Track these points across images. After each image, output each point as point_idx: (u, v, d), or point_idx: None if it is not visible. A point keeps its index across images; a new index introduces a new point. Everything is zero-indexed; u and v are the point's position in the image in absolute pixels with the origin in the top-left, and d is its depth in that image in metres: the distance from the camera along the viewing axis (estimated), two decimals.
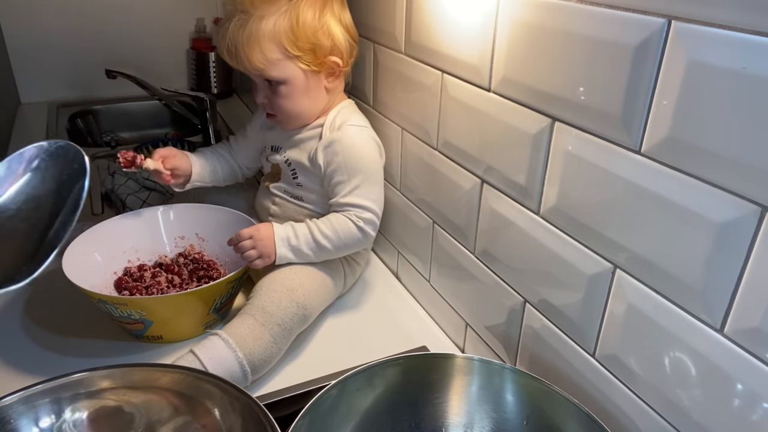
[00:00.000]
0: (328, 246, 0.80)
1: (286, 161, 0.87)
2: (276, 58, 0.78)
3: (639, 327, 0.52)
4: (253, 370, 0.71)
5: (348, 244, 0.81)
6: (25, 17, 1.56)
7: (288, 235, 0.80)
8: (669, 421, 0.51)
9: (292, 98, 0.82)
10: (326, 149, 0.82)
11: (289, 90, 0.81)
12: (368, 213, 0.81)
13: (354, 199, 0.81)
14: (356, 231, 0.80)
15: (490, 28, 0.62)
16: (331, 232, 0.79)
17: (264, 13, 0.76)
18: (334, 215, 0.81)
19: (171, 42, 1.75)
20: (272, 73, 0.79)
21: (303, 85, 0.81)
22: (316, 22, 0.78)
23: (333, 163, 0.81)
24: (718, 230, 0.43)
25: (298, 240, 0.79)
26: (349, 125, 0.83)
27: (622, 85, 0.48)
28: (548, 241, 0.61)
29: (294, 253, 0.80)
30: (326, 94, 0.84)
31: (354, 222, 0.80)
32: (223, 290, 0.78)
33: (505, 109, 0.63)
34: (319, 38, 0.78)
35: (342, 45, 0.81)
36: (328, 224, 0.80)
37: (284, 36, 0.77)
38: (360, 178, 0.81)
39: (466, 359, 0.62)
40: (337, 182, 0.81)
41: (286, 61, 0.78)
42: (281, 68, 0.79)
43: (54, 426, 0.57)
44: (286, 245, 0.79)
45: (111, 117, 1.68)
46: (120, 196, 1.13)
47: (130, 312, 0.74)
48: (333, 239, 0.79)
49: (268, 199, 0.92)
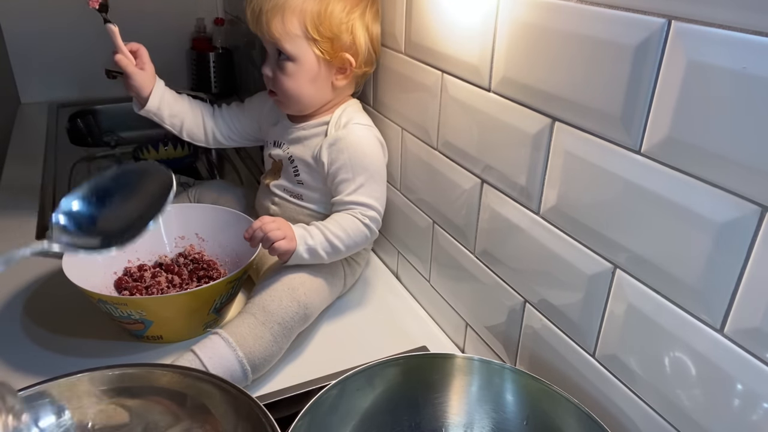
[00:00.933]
0: (341, 247, 0.79)
1: (289, 157, 0.87)
2: (294, 33, 0.78)
3: (639, 327, 0.52)
4: (254, 370, 0.71)
5: (357, 242, 0.80)
6: (25, 17, 1.56)
7: (304, 234, 0.78)
8: (669, 421, 0.51)
9: (296, 79, 0.81)
10: (331, 147, 0.82)
11: (297, 69, 0.81)
12: (372, 211, 0.81)
13: (358, 198, 0.80)
14: (363, 228, 0.80)
15: (490, 28, 0.63)
16: (342, 232, 0.79)
17: None
18: (340, 215, 0.81)
19: (171, 42, 1.75)
20: (286, 46, 0.79)
21: (311, 70, 0.81)
22: (344, 17, 0.79)
23: (338, 161, 0.81)
24: (718, 230, 0.43)
25: (314, 240, 0.78)
26: (354, 123, 0.83)
27: (622, 85, 0.48)
28: (548, 241, 0.61)
29: (309, 253, 0.78)
30: (332, 89, 0.84)
31: (360, 220, 0.80)
32: (223, 290, 0.78)
33: (505, 109, 0.63)
34: (341, 31, 0.79)
35: (361, 48, 0.82)
36: (336, 225, 0.79)
37: (309, 16, 0.78)
38: (365, 176, 0.81)
39: (466, 359, 0.62)
40: (342, 180, 0.81)
41: (303, 40, 0.79)
42: (296, 45, 0.79)
43: (54, 426, 0.57)
44: (303, 244, 0.77)
45: (111, 117, 1.68)
46: None
47: (130, 312, 0.74)
48: (344, 239, 0.79)
49: (268, 198, 0.92)
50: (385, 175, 0.85)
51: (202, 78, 1.75)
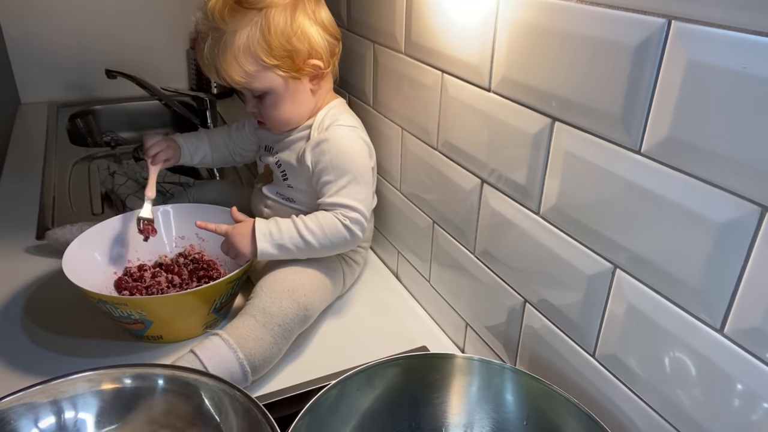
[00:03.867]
0: (313, 242, 0.78)
1: (277, 162, 0.87)
2: (254, 70, 0.77)
3: (639, 327, 0.52)
4: (254, 371, 0.71)
5: (334, 242, 0.79)
6: (25, 17, 1.56)
7: (270, 229, 0.79)
8: (669, 421, 0.51)
9: (278, 107, 0.82)
10: (314, 149, 0.81)
11: (274, 99, 0.81)
12: (355, 213, 0.80)
13: (341, 199, 0.80)
14: (343, 229, 0.79)
15: (490, 28, 0.63)
16: (316, 227, 0.78)
17: (236, 28, 0.76)
18: (321, 212, 0.80)
19: (171, 42, 1.75)
20: (254, 85, 0.79)
21: (286, 92, 0.81)
22: (289, 28, 0.77)
23: (320, 163, 0.81)
24: (718, 230, 0.43)
25: (281, 234, 0.78)
26: (337, 125, 0.82)
27: (622, 85, 0.48)
28: (548, 241, 0.61)
29: (277, 248, 0.78)
30: (312, 96, 0.84)
31: (340, 220, 0.79)
32: (223, 290, 0.78)
33: (505, 109, 0.63)
34: (294, 44, 0.78)
35: (320, 46, 0.80)
36: (314, 220, 0.79)
37: (258, 47, 0.76)
38: (347, 178, 0.80)
39: (466, 359, 0.62)
40: (325, 182, 0.81)
41: (265, 72, 0.78)
42: (261, 79, 0.78)
43: (54, 426, 0.57)
44: (268, 240, 0.78)
45: (111, 117, 1.68)
46: (120, 196, 1.13)
47: (130, 312, 0.74)
48: (318, 235, 0.78)
49: (261, 201, 0.92)
50: (370, 177, 0.83)
51: (202, 78, 1.75)
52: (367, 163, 0.83)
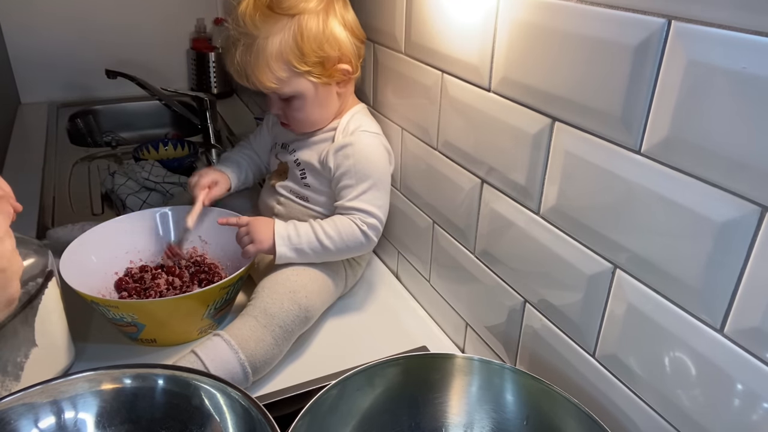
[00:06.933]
0: (331, 247, 0.79)
1: (296, 161, 0.87)
2: (286, 77, 0.78)
3: (639, 327, 0.52)
4: (254, 372, 0.71)
5: (350, 246, 0.80)
6: (25, 18, 1.56)
7: (289, 233, 0.79)
8: (669, 421, 0.51)
9: (305, 110, 0.82)
10: (337, 152, 0.82)
11: (302, 103, 0.81)
12: (372, 219, 0.81)
13: (360, 204, 0.80)
14: (360, 234, 0.80)
15: (490, 28, 0.62)
16: (334, 233, 0.79)
17: (268, 33, 0.76)
18: (338, 217, 0.81)
19: (171, 42, 1.75)
20: (284, 90, 0.79)
21: (315, 96, 0.81)
22: (321, 35, 0.77)
23: (342, 167, 0.81)
24: (718, 230, 0.43)
25: (300, 239, 0.79)
26: (362, 131, 0.83)
27: (622, 85, 0.48)
28: (548, 241, 0.61)
29: (295, 252, 0.79)
30: (338, 99, 0.85)
31: (358, 226, 0.80)
32: (217, 295, 0.77)
33: (505, 109, 0.63)
34: (325, 50, 0.78)
35: (349, 50, 0.81)
36: (332, 225, 0.80)
37: (291, 53, 0.76)
38: (368, 183, 0.81)
39: (466, 359, 0.62)
40: (345, 186, 0.81)
41: (297, 77, 0.78)
42: (293, 85, 0.79)
43: (54, 426, 0.57)
44: (287, 244, 0.79)
45: (111, 117, 1.68)
46: (120, 196, 1.13)
47: (122, 315, 0.73)
48: (336, 240, 0.79)
49: (272, 198, 0.92)
50: (389, 184, 0.85)
51: (202, 78, 1.75)
52: (387, 170, 0.85)
